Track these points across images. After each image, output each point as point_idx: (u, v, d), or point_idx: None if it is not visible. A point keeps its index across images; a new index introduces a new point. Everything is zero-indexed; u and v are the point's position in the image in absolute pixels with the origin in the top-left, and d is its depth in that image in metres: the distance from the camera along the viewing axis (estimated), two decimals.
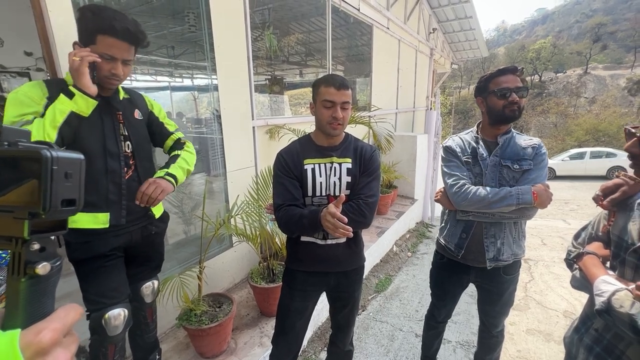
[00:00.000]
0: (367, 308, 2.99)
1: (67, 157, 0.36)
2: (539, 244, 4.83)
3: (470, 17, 7.25)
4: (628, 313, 0.81)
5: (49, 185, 0.35)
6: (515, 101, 1.42)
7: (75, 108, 1.15)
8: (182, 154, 1.49)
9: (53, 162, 0.35)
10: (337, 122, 1.31)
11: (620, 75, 35.53)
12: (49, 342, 0.33)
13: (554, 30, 62.26)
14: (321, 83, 1.33)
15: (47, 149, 0.35)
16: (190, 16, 2.51)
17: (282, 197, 1.35)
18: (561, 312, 2.93)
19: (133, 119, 1.38)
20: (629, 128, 0.95)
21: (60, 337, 0.35)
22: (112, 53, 1.18)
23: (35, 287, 0.36)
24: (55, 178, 0.35)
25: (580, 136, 28.28)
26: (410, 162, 5.16)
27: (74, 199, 0.38)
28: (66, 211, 0.37)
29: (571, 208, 8.86)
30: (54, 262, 0.38)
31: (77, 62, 1.13)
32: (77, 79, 1.15)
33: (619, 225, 1.02)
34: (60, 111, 1.12)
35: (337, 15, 4.01)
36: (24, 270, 0.36)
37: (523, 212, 1.44)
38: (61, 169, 0.36)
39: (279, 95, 4.46)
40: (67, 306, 0.38)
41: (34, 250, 0.36)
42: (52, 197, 0.35)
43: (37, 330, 0.33)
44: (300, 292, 1.48)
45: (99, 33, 1.15)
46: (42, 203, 0.34)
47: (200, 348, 1.91)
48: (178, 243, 2.50)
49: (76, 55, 1.13)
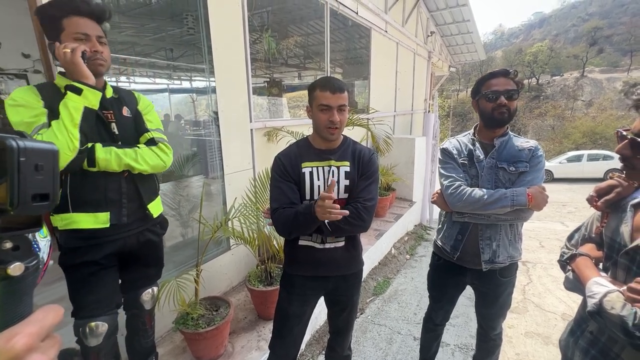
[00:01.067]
0: (366, 311, 2.98)
1: (37, 148, 0.33)
2: (537, 247, 4.84)
3: (467, 20, 7.29)
4: (619, 315, 0.82)
5: (16, 178, 0.32)
6: (503, 104, 1.42)
7: (87, 103, 1.14)
8: (140, 148, 1.33)
9: (20, 153, 0.32)
10: (334, 126, 1.31)
11: (616, 78, 35.81)
12: (23, 347, 0.31)
13: (551, 34, 62.74)
14: (317, 87, 1.31)
15: (14, 138, 0.32)
16: (188, 19, 2.51)
17: (279, 200, 1.34)
18: (559, 314, 2.93)
19: (122, 117, 1.34)
20: (621, 131, 0.95)
21: (36, 341, 0.32)
22: (84, 30, 1.17)
23: (8, 289, 0.34)
24: (23, 170, 0.32)
25: (578, 139, 28.42)
26: (408, 165, 5.17)
27: (46, 194, 0.35)
28: (38, 207, 0.34)
29: (569, 210, 8.89)
30: (28, 261, 0.35)
31: (69, 54, 1.11)
32: (75, 72, 1.13)
33: (611, 227, 1.02)
34: (74, 109, 1.11)
35: (335, 18, 4.02)
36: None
37: (518, 214, 1.45)
38: (30, 161, 0.33)
39: (277, 97, 4.47)
40: (46, 307, 0.35)
41: (6, 249, 0.34)
42: (21, 192, 0.32)
43: (9, 335, 0.31)
44: (298, 297, 1.46)
45: (64, 17, 1.14)
46: (9, 198, 0.32)
47: (197, 352, 1.90)
48: (175, 246, 2.49)
49: (66, 48, 1.11)
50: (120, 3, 2.57)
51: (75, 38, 1.16)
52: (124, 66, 3.36)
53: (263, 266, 2.36)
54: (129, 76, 3.90)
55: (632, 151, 0.91)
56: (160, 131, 1.45)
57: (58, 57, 1.13)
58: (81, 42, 1.17)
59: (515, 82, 1.45)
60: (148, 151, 1.34)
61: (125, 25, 2.75)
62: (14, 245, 0.35)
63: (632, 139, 0.90)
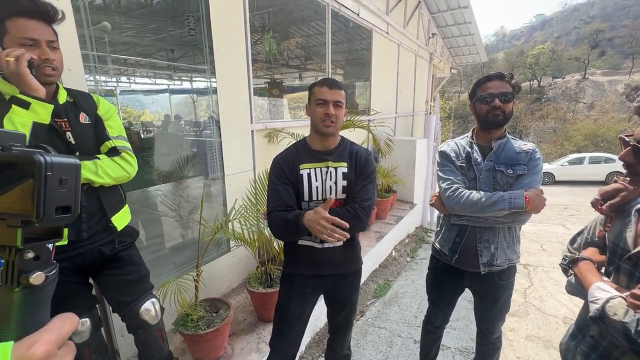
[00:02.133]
0: (366, 314, 2.96)
1: (62, 163, 0.35)
2: (538, 249, 4.82)
3: (469, 22, 7.29)
4: (621, 321, 0.81)
5: (42, 192, 0.33)
6: (497, 106, 1.44)
7: (36, 117, 1.01)
8: (101, 159, 1.23)
9: (47, 167, 0.33)
10: (329, 119, 1.33)
11: (618, 81, 35.74)
12: (42, 355, 0.32)
13: (553, 36, 62.70)
14: (315, 85, 1.39)
15: (41, 153, 0.34)
16: (190, 19, 2.51)
17: (274, 202, 1.37)
18: (561, 318, 2.91)
19: (78, 125, 1.21)
20: (624, 137, 0.95)
21: (54, 349, 0.34)
22: (31, 35, 1.04)
23: (29, 297, 0.35)
24: (50, 184, 0.34)
25: (579, 141, 28.34)
26: (409, 167, 5.16)
27: (69, 206, 0.36)
28: (61, 219, 0.35)
29: (570, 213, 8.86)
30: (48, 271, 0.36)
31: (12, 63, 0.97)
32: (21, 83, 1.00)
33: (614, 232, 1.01)
34: (22, 125, 0.98)
35: (336, 19, 4.03)
36: (17, 280, 0.34)
37: (516, 217, 1.45)
38: (56, 175, 0.34)
39: (278, 98, 4.47)
40: (62, 316, 0.37)
41: (28, 259, 0.35)
42: (46, 205, 0.34)
43: (29, 343, 0.32)
44: (298, 295, 1.48)
45: (6, 19, 1.01)
46: (35, 211, 0.33)
47: (197, 354, 1.89)
48: (175, 247, 2.49)
49: (9, 56, 0.96)
50: (121, 3, 2.58)
51: (21, 44, 1.03)
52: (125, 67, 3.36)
53: (263, 268, 2.35)
54: (129, 77, 3.90)
55: (635, 158, 0.90)
56: (123, 138, 1.34)
57: (0, 65, 0.99)
58: (28, 48, 1.03)
59: (511, 85, 1.47)
60: (109, 162, 1.24)
61: (126, 25, 2.75)
62: (35, 255, 0.36)
63: (634, 146, 0.90)
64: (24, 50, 1.01)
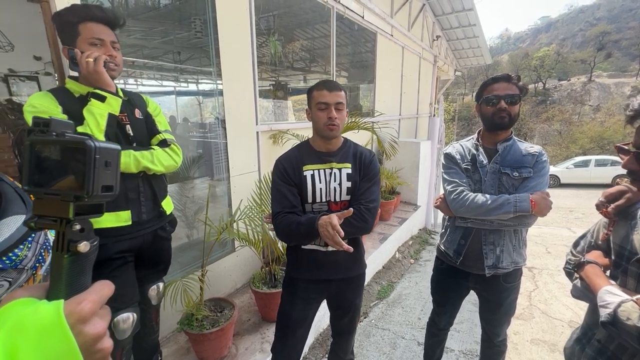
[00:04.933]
0: (369, 315, 2.96)
1: (107, 147, 0.40)
2: (543, 252, 4.78)
3: (473, 25, 7.28)
4: (636, 325, 0.79)
5: (92, 172, 0.38)
6: (503, 108, 1.43)
7: (111, 109, 1.20)
8: (155, 149, 1.40)
9: (96, 151, 0.38)
10: (333, 123, 1.32)
11: (625, 83, 35.42)
12: (89, 311, 0.37)
13: (558, 38, 62.33)
14: (314, 89, 1.36)
15: (90, 139, 0.39)
16: (196, 22, 2.55)
17: (280, 204, 1.34)
18: (566, 322, 2.89)
19: (134, 119, 1.39)
20: (621, 146, 0.94)
21: (97, 308, 0.39)
22: (99, 36, 1.21)
23: (76, 263, 0.40)
24: (98, 166, 0.39)
25: (585, 144, 28.11)
26: (413, 169, 5.15)
27: (111, 185, 0.41)
28: (105, 196, 0.41)
29: (576, 216, 8.79)
30: (92, 241, 0.42)
31: (91, 63, 1.15)
32: (98, 80, 1.18)
33: (620, 234, 1.00)
34: (100, 115, 1.17)
35: (341, 22, 4.05)
36: (67, 248, 0.39)
37: (521, 220, 1.44)
38: (102, 158, 0.39)
39: (282, 100, 4.50)
40: (102, 282, 0.42)
41: (76, 230, 0.40)
42: (95, 183, 0.39)
43: (78, 300, 0.38)
44: (301, 300, 1.46)
45: (80, 23, 1.18)
46: (85, 188, 0.38)
47: (201, 353, 1.91)
48: (180, 247, 2.51)
49: (90, 57, 1.15)
50: (129, 7, 2.62)
51: (91, 43, 1.20)
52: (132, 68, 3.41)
53: (267, 268, 2.37)
54: (136, 78, 3.94)
55: (638, 165, 0.89)
56: (170, 132, 1.51)
57: (80, 64, 1.16)
58: (96, 47, 1.21)
59: (517, 87, 1.45)
60: (162, 152, 1.41)
61: (134, 28, 2.79)
62: (81, 227, 0.41)
63: (636, 152, 0.89)
64: (94, 49, 1.19)
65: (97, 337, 0.38)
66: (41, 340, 0.34)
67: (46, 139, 0.39)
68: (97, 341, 0.38)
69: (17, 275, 0.69)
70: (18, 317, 0.35)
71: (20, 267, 0.69)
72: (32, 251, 0.71)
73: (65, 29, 1.20)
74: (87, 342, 0.37)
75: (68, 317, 0.35)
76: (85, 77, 1.20)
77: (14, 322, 0.34)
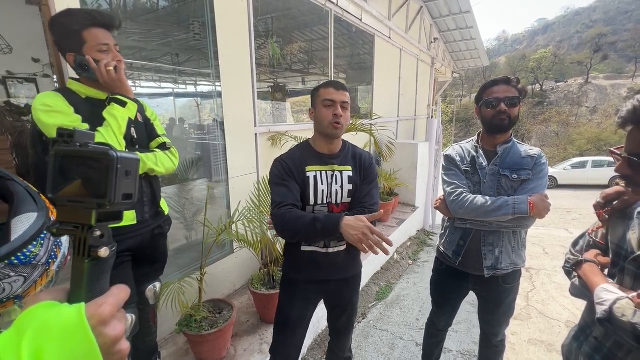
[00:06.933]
0: (368, 316, 2.97)
1: (127, 158, 0.42)
2: (540, 253, 4.81)
3: (471, 27, 7.32)
4: (630, 322, 0.81)
5: (114, 181, 0.40)
6: (503, 110, 1.44)
7: (131, 114, 1.26)
8: (157, 152, 1.45)
9: (118, 161, 0.40)
10: (338, 120, 1.31)
11: (621, 85, 35.68)
12: (109, 314, 0.39)
13: (555, 40, 62.72)
14: (320, 87, 1.37)
15: (112, 150, 0.41)
16: (195, 24, 2.56)
17: (285, 196, 1.29)
18: (563, 322, 2.90)
19: (137, 122, 1.41)
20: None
21: (116, 310, 0.41)
22: (105, 41, 1.22)
23: (96, 268, 0.42)
24: (119, 175, 0.41)
25: (582, 145, 28.27)
26: (411, 170, 5.17)
27: (131, 194, 0.43)
28: (125, 204, 0.43)
29: (573, 217, 8.82)
30: (111, 247, 0.43)
31: (113, 72, 1.19)
32: (120, 88, 1.23)
33: (618, 234, 1.02)
34: (122, 119, 1.21)
35: (339, 24, 4.07)
36: (88, 253, 0.41)
37: (520, 222, 1.45)
38: (123, 168, 0.41)
39: (281, 102, 4.50)
40: (119, 286, 0.44)
41: (96, 236, 0.42)
42: (116, 191, 0.41)
43: (98, 304, 0.40)
44: (300, 301, 1.47)
45: (84, 29, 1.18)
46: (108, 196, 0.40)
47: (200, 354, 1.91)
48: (179, 249, 2.51)
49: (109, 66, 1.18)
50: (128, 9, 2.63)
51: (99, 50, 1.21)
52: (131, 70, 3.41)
53: (266, 270, 2.37)
54: (135, 80, 3.94)
55: (632, 170, 0.90)
56: (167, 136, 1.55)
57: (99, 73, 1.18)
58: (105, 53, 1.22)
59: (517, 90, 1.47)
60: (163, 155, 1.45)
61: (132, 30, 2.80)
62: (101, 233, 0.42)
63: (628, 158, 0.90)
64: (109, 58, 1.21)
65: (117, 339, 0.40)
66: (65, 341, 0.35)
67: (70, 149, 0.41)
68: (116, 343, 0.40)
69: (31, 271, 0.71)
70: (43, 319, 0.36)
71: (34, 262, 0.71)
72: (44, 247, 0.73)
73: (68, 37, 1.20)
74: (107, 344, 0.38)
75: (90, 320, 0.37)
76: (106, 84, 1.22)
77: (40, 324, 0.36)
